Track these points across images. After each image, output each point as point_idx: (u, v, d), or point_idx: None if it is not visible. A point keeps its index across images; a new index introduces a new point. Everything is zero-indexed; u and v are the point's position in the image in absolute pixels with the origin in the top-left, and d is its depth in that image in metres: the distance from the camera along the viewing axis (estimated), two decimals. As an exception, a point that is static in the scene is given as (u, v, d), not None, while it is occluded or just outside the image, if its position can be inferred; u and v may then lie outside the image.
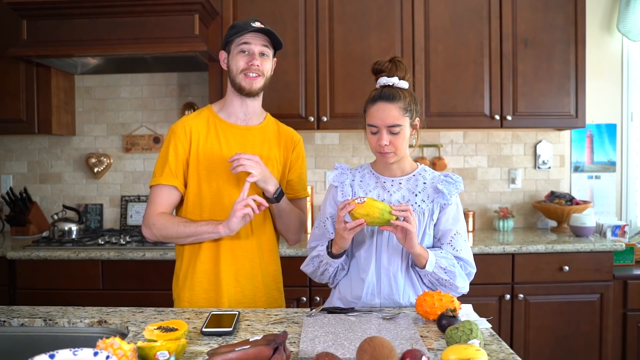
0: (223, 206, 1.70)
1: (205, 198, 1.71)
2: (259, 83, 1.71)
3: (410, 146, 1.67)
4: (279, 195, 1.69)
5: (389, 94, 1.55)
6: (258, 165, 1.62)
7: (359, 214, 1.43)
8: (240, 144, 1.73)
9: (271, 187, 1.66)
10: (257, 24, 1.68)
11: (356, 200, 1.45)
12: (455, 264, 1.56)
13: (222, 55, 1.76)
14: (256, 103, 1.77)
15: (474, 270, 1.62)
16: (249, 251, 1.74)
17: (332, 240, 1.58)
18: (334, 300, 1.68)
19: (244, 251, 1.73)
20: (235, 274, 1.72)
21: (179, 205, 1.77)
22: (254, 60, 1.68)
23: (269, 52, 1.73)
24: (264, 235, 1.78)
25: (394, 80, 1.58)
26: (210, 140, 1.71)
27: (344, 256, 1.59)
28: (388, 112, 1.53)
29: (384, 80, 1.59)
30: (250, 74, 1.68)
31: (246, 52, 1.69)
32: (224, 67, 1.75)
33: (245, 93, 1.71)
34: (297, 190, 1.86)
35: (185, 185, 1.72)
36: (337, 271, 1.63)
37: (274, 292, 1.83)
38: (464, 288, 1.59)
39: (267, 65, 1.73)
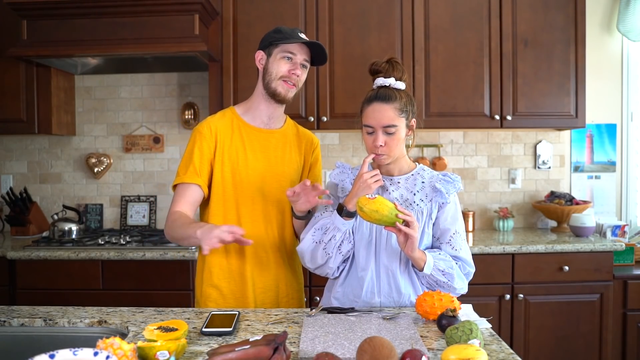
0: (247, 209, 1.72)
1: (229, 200, 1.71)
2: (293, 92, 1.72)
3: (407, 147, 1.67)
4: (310, 213, 1.67)
5: (384, 95, 1.56)
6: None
7: (369, 209, 1.42)
8: (263, 147, 1.74)
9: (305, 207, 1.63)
10: (303, 36, 1.69)
11: (367, 196, 1.45)
12: (454, 266, 1.56)
13: (259, 55, 1.72)
14: (281, 108, 1.77)
15: (472, 269, 1.62)
16: (273, 248, 1.75)
17: (339, 204, 1.57)
18: (330, 300, 1.68)
19: (267, 249, 1.74)
20: (260, 274, 1.74)
21: (203, 208, 1.75)
22: (297, 70, 1.69)
23: (308, 65, 1.73)
24: (287, 232, 1.79)
25: (391, 81, 1.59)
26: (235, 143, 1.71)
27: (353, 220, 1.56)
28: (384, 113, 1.54)
29: (380, 81, 1.60)
30: (290, 82, 1.69)
31: (291, 60, 1.68)
32: (259, 67, 1.72)
33: (279, 99, 1.71)
34: None
35: (209, 187, 1.71)
36: (342, 242, 1.57)
37: (295, 290, 1.85)
38: (462, 289, 1.59)
39: (304, 77, 1.74)
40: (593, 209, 3.17)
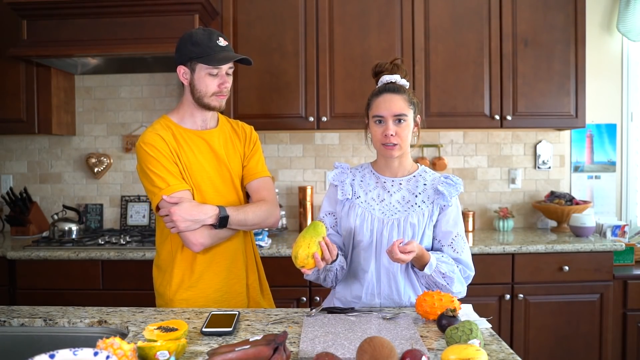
0: None
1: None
2: (225, 100, 1.76)
3: (412, 146, 1.68)
4: (221, 221, 1.63)
5: (393, 87, 1.61)
6: (176, 214, 1.57)
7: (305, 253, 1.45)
8: (209, 147, 1.75)
9: (210, 220, 1.62)
10: (222, 42, 1.68)
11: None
12: (455, 270, 1.56)
13: (182, 70, 1.70)
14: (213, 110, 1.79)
15: (472, 273, 1.63)
16: (231, 257, 1.77)
17: None
18: (333, 300, 1.69)
19: (226, 258, 1.76)
20: (219, 274, 1.75)
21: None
22: (226, 83, 1.71)
23: (233, 67, 1.74)
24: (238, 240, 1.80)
25: (396, 78, 1.64)
26: (183, 149, 1.71)
27: (338, 259, 1.58)
28: (395, 102, 1.57)
29: (386, 78, 1.64)
30: (221, 95, 1.71)
31: (216, 75, 1.68)
32: (185, 82, 1.71)
33: (214, 110, 1.75)
34: (254, 172, 1.82)
35: None
36: (336, 273, 1.63)
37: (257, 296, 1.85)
38: (460, 293, 1.59)
39: (231, 81, 1.75)
40: (593, 209, 3.17)
